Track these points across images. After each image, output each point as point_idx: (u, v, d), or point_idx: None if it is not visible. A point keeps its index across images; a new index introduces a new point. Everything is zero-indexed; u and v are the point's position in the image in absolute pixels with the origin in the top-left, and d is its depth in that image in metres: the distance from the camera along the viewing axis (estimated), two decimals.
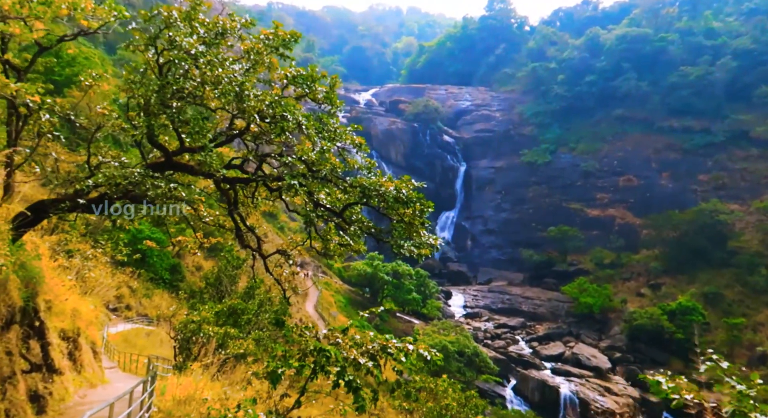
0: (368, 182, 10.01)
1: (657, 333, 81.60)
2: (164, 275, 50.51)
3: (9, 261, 7.43)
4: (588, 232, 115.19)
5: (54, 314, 10.95)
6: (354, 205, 11.01)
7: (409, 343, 10.07)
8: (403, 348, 9.97)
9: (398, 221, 10.19)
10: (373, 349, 9.80)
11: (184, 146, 10.72)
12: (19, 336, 8.28)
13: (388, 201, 9.80)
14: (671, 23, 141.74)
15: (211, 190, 13.05)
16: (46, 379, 9.41)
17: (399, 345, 9.99)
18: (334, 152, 10.53)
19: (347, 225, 11.03)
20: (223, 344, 19.15)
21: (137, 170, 9.26)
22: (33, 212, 9.48)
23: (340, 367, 9.06)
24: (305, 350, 9.35)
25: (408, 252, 10.06)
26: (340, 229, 11.54)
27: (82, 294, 14.69)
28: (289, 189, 9.74)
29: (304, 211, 10.80)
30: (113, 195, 9.39)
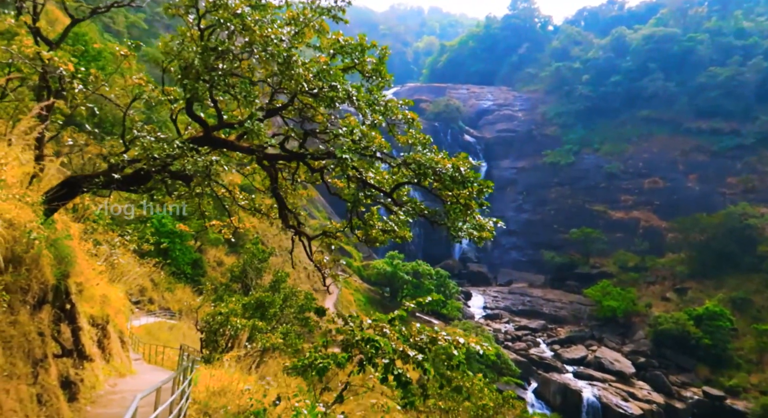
0: (425, 159, 9.29)
1: (683, 338, 79.80)
2: (186, 270, 50.28)
3: (41, 235, 6.88)
4: (611, 234, 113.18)
5: (84, 298, 10.44)
6: (403, 185, 10.30)
7: (459, 336, 9.36)
8: (453, 341, 9.27)
9: (453, 203, 9.45)
10: (421, 341, 9.12)
11: (223, 121, 10.12)
12: (51, 318, 7.75)
13: (444, 180, 9.08)
14: (700, 23, 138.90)
15: (247, 171, 12.44)
16: (77, 365, 8.87)
17: (449, 338, 9.28)
18: (382, 129, 9.83)
19: (397, 207, 10.30)
20: (251, 337, 18.62)
21: (177, 142, 8.69)
22: (65, 187, 8.96)
23: (389, 359, 8.37)
24: (350, 341, 8.69)
25: (468, 235, 9.30)
26: (388, 212, 10.82)
27: (110, 281, 14.21)
28: (339, 164, 9.04)
29: (349, 192, 10.11)
30: (150, 169, 8.80)
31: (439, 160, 9.18)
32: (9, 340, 6.07)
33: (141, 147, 8.73)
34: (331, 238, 11.86)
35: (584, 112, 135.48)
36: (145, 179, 9.14)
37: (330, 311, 36.31)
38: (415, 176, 9.57)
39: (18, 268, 6.56)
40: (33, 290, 6.90)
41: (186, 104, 9.67)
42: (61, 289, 8.37)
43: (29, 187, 7.47)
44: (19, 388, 6.08)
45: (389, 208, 10.69)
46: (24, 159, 7.02)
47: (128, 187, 9.51)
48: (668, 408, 70.68)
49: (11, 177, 6.78)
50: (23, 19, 9.39)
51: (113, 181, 8.86)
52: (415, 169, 9.27)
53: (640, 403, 70.78)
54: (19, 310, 6.50)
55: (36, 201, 7.30)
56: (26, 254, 6.71)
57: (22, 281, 6.59)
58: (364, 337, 8.48)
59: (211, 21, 9.13)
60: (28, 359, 6.53)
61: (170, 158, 8.56)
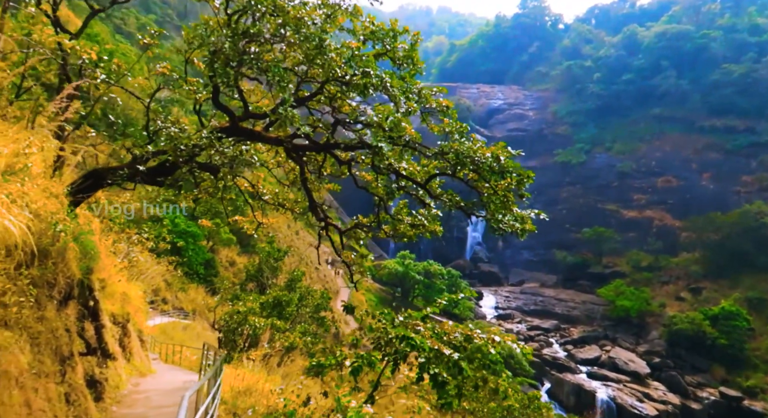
0: (463, 148, 8.91)
1: (698, 339, 78.87)
2: (199, 270, 50.18)
3: (68, 227, 6.59)
4: (624, 234, 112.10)
5: (106, 295, 10.17)
6: (437, 177, 9.92)
7: (494, 334, 8.98)
8: (489, 339, 8.89)
9: (490, 195, 9.07)
10: (455, 339, 8.74)
11: (248, 111, 9.81)
12: (76, 314, 7.46)
13: (482, 170, 8.70)
14: (713, 20, 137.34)
15: (272, 165, 12.10)
16: (101, 364, 8.59)
17: (484, 336, 8.91)
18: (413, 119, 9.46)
19: (432, 199, 9.93)
20: (270, 336, 18.34)
21: (204, 132, 8.38)
22: (89, 179, 8.68)
23: (424, 358, 8.00)
24: (382, 339, 8.29)
25: (510, 228, 8.92)
26: (420, 205, 10.46)
27: (129, 279, 13.97)
28: (374, 154, 8.69)
29: (379, 185, 9.75)
30: (176, 160, 8.49)
31: (477, 148, 8.81)
32: (36, 336, 5.78)
33: (167, 137, 8.43)
34: (363, 231, 11.48)
35: (596, 110, 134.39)
36: (170, 171, 8.82)
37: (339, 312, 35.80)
38: (451, 167, 9.20)
39: (44, 261, 6.27)
40: (59, 284, 6.61)
41: (212, 93, 9.35)
42: (84, 285, 8.10)
43: (53, 178, 7.18)
44: (48, 386, 5.80)
45: (422, 200, 10.33)
46: (47, 147, 6.72)
47: (153, 179, 9.22)
48: (684, 409, 69.84)
49: (35, 167, 6.49)
50: (44, 7, 9.13)
51: (138, 173, 8.57)
52: (453, 158, 8.90)
53: (655, 404, 69.98)
54: (45, 305, 6.22)
55: (61, 192, 7.01)
56: (52, 246, 6.42)
57: (48, 275, 6.31)
58: (399, 334, 8.09)
59: (238, 5, 8.81)
60: (55, 356, 6.24)
61: (197, 148, 8.25)
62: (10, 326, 5.32)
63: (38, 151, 6.59)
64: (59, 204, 6.71)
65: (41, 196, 6.42)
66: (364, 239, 11.89)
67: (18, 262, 5.67)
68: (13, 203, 5.37)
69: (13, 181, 5.78)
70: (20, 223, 5.20)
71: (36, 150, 6.64)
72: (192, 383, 12.60)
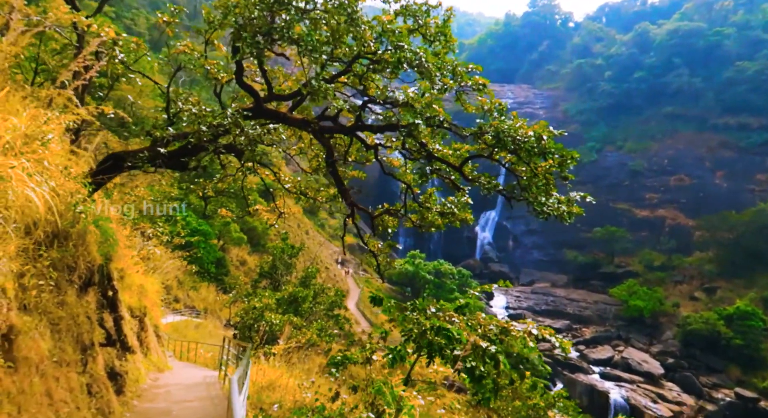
0: (505, 126, 8.42)
1: (713, 339, 77.84)
2: (210, 269, 49.98)
3: (87, 209, 6.20)
4: (636, 233, 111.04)
5: (124, 286, 9.80)
6: (471, 159, 9.45)
7: (531, 326, 8.53)
8: (526, 332, 8.45)
9: (530, 177, 8.58)
10: (490, 331, 8.29)
11: (272, 93, 9.40)
12: (96, 302, 7.08)
13: (523, 151, 8.22)
14: (726, 17, 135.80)
15: (294, 152, 11.66)
16: (120, 356, 8.20)
17: (520, 328, 8.46)
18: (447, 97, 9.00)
19: (469, 183, 9.45)
20: (287, 333, 17.94)
21: (229, 111, 7.97)
22: (109, 161, 8.30)
23: (460, 350, 7.55)
24: (415, 330, 7.83)
25: (554, 211, 8.44)
26: (455, 189, 9.99)
27: (146, 272, 13.61)
28: (410, 132, 8.24)
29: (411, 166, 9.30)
30: (198, 142, 8.07)
31: (519, 127, 8.33)
32: (57, 322, 5.40)
33: (189, 116, 8.03)
34: (395, 216, 11.01)
35: (607, 109, 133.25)
36: (192, 154, 8.39)
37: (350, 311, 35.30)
38: (487, 148, 8.73)
39: (64, 243, 5.88)
40: (80, 269, 6.22)
41: (235, 72, 8.92)
42: (104, 272, 7.72)
43: (71, 158, 6.80)
44: (69, 376, 5.41)
45: (456, 185, 9.86)
46: (65, 121, 6.34)
47: (174, 162, 8.81)
48: (699, 410, 68.94)
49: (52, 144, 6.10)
50: None
51: (159, 155, 8.17)
52: (491, 139, 8.41)
53: (670, 405, 69.11)
54: (66, 290, 5.83)
55: (80, 173, 6.63)
56: (72, 228, 6.04)
57: (68, 258, 5.92)
58: (434, 325, 7.64)
59: None
60: (77, 344, 5.86)
61: (221, 128, 7.83)
62: (30, 310, 4.95)
63: (56, 127, 6.20)
64: (78, 185, 6.32)
65: (60, 174, 6.03)
66: (392, 227, 11.46)
67: (37, 242, 5.29)
68: (30, 178, 4.98)
69: (29, 157, 5.39)
70: (42, 193, 4.81)
71: (54, 127, 6.25)
72: (212, 378, 12.25)
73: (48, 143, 5.93)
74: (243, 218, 63.73)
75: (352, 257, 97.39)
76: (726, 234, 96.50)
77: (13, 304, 4.53)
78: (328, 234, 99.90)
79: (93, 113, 6.98)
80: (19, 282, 4.81)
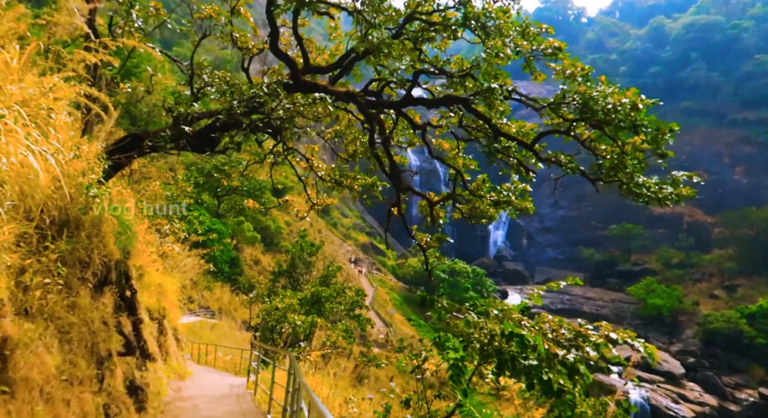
0: (591, 92, 7.23)
1: (735, 338, 76.24)
2: (224, 268, 49.13)
3: (102, 193, 5.15)
4: (653, 230, 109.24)
5: (143, 286, 8.75)
6: (545, 135, 8.31)
7: (608, 330, 7.42)
8: (603, 336, 7.33)
9: (618, 155, 7.43)
10: (561, 336, 7.16)
11: (310, 64, 8.32)
12: (113, 305, 6.02)
13: (613, 124, 7.02)
14: (744, 10, 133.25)
15: (328, 135, 10.54)
16: (140, 366, 7.14)
17: (595, 331, 7.35)
18: None
19: (544, 163, 8.33)
20: (310, 335, 16.87)
21: (266, 78, 6.90)
22: (126, 140, 7.27)
23: (535, 360, 6.41)
24: (477, 336, 6.70)
25: (658, 194, 7.23)
26: (524, 172, 8.86)
27: (165, 271, 12.58)
28: (486, 98, 7.12)
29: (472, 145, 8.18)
30: (229, 119, 6.95)
31: (610, 94, 7.14)
32: (67, 330, 4.33)
33: (219, 88, 6.94)
34: (460, 202, 9.88)
35: None
36: (224, 128, 7.26)
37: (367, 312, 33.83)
38: (565, 122, 7.57)
39: (76, 233, 4.82)
40: (94, 264, 5.15)
41: (270, 35, 7.77)
42: (121, 270, 6.67)
43: (83, 136, 5.77)
44: (83, 397, 4.32)
45: (525, 167, 8.73)
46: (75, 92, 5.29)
47: (200, 143, 7.71)
48: (722, 411, 67.40)
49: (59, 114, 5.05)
50: None
51: (182, 134, 7.07)
52: (576, 109, 7.23)
53: (691, 405, 67.59)
54: (78, 290, 4.76)
55: (93, 151, 5.57)
56: (85, 215, 4.98)
57: (80, 252, 4.86)
58: (505, 331, 6.51)
59: None
60: (91, 356, 4.78)
61: (257, 101, 6.74)
62: (32, 315, 3.89)
63: (64, 96, 5.14)
64: (91, 163, 5.26)
65: (69, 150, 4.98)
66: (444, 219, 10.34)
67: (41, 230, 4.24)
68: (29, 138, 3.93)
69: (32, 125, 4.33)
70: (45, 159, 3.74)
71: (62, 96, 5.20)
72: (239, 388, 11.21)
73: (53, 112, 4.88)
74: (256, 217, 62.94)
75: (365, 257, 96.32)
76: (746, 231, 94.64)
77: (7, 308, 3.47)
78: (340, 233, 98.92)
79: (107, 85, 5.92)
80: (18, 280, 3.76)
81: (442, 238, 10.44)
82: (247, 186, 54.34)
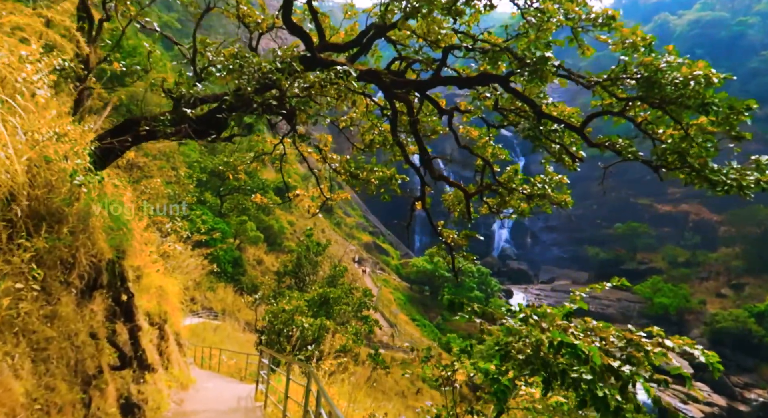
0: (663, 63, 6.38)
1: (743, 337, 75.48)
2: (227, 269, 48.41)
3: (91, 180, 4.35)
4: (659, 229, 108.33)
5: (141, 289, 7.94)
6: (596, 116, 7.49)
7: (662, 337, 6.61)
8: (656, 344, 6.53)
9: (682, 138, 6.59)
10: (612, 345, 6.32)
11: (325, 41, 7.51)
12: (105, 312, 5.21)
13: (680, 101, 6.16)
14: (750, 6, 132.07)
15: (343, 122, 9.69)
16: (138, 379, 6.33)
17: (649, 340, 6.52)
18: None
19: (598, 148, 7.51)
20: (319, 338, 16.05)
21: (279, 52, 6.08)
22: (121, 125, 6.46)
23: (589, 373, 5.58)
24: (518, 347, 5.86)
25: (741, 182, 6.31)
26: (570, 157, 8.03)
27: (166, 271, 11.75)
28: (538, 72, 6.28)
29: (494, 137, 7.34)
30: (238, 101, 6.08)
31: (680, 66, 6.27)
32: (44, 346, 3.50)
33: (224, 67, 6.10)
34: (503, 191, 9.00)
35: None
36: (229, 112, 6.37)
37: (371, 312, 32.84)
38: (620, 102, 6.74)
39: (57, 229, 4.02)
40: (80, 265, 4.34)
41: (282, 7, 6.91)
42: (116, 272, 5.87)
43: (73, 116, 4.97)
44: None
45: (570, 153, 7.92)
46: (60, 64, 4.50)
47: (203, 129, 6.83)
48: (731, 411, 66.68)
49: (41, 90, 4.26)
50: None
51: (184, 119, 6.23)
52: (641, 83, 6.36)
53: (700, 405, 66.82)
54: (59, 296, 3.95)
55: (80, 135, 4.77)
56: (69, 207, 4.19)
57: (62, 251, 4.05)
58: (554, 340, 5.68)
59: None
60: (75, 376, 3.98)
61: (269, 79, 5.90)
62: None
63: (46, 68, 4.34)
64: (77, 148, 4.45)
65: (50, 128, 4.17)
66: (474, 215, 9.52)
67: (12, 224, 3.44)
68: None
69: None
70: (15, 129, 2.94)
71: (44, 66, 4.39)
72: (247, 400, 10.36)
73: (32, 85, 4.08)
74: (259, 217, 62.16)
75: (368, 256, 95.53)
76: (753, 229, 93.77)
77: None
78: (344, 232, 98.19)
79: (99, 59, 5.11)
80: None
81: (471, 235, 9.62)
82: (250, 185, 53.62)
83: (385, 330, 62.65)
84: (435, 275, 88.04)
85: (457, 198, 9.42)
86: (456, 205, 9.44)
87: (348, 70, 5.60)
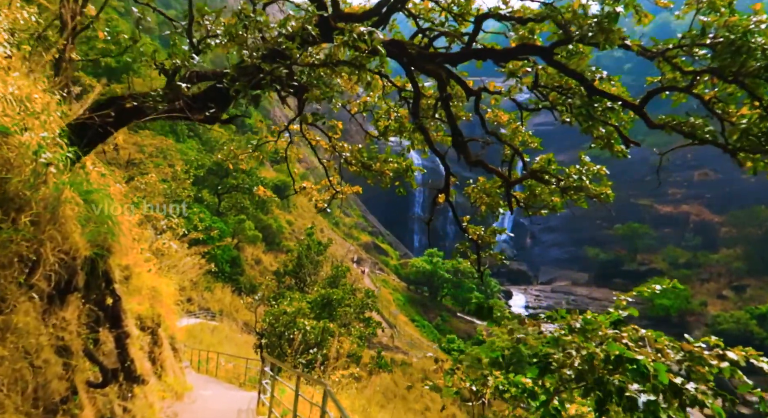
0: (752, 24, 5.56)
1: (745, 339, 74.52)
2: (225, 268, 47.54)
3: (60, 158, 3.51)
4: (659, 229, 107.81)
5: (131, 290, 7.09)
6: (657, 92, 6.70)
7: (722, 349, 5.79)
8: (715, 355, 5.71)
9: (758, 118, 5.78)
10: (668, 357, 5.49)
11: (340, 11, 6.64)
12: (82, 319, 4.36)
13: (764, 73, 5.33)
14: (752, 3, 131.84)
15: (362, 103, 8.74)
16: (125, 393, 5.48)
17: (710, 353, 5.69)
18: None
19: (663, 129, 6.70)
20: (322, 341, 15.22)
21: (291, 15, 5.25)
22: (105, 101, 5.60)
23: (651, 392, 4.75)
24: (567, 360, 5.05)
25: None
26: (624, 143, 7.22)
27: (159, 271, 10.90)
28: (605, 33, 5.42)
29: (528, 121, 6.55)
30: (243, 73, 5.20)
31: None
32: None
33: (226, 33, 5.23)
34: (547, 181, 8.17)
35: None
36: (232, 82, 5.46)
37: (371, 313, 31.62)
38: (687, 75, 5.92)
39: (14, 218, 3.18)
40: (46, 264, 3.48)
41: None
42: (98, 271, 5.03)
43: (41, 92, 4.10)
44: None
45: (626, 138, 7.11)
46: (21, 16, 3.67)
47: (200, 108, 5.92)
48: (732, 413, 65.74)
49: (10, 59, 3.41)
50: None
51: (179, 96, 5.34)
52: (720, 51, 5.52)
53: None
54: (15, 302, 3.09)
55: (53, 108, 3.93)
56: (32, 192, 3.34)
57: (20, 246, 3.18)
58: (611, 353, 4.85)
59: None
60: (36, 405, 3.12)
61: (276, 52, 5.04)
62: None
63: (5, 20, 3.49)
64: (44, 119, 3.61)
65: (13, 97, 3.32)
66: (504, 208, 8.71)
67: None
68: None
69: None
70: None
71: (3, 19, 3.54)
72: (248, 412, 9.53)
73: None
74: (257, 216, 61.28)
75: (368, 256, 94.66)
76: (755, 230, 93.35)
77: None
78: (342, 232, 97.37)
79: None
80: None
81: (500, 232, 8.80)
82: (248, 183, 52.77)
83: (384, 331, 61.82)
84: (435, 275, 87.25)
85: (484, 190, 8.58)
86: (482, 197, 8.60)
87: (373, 31, 4.77)
